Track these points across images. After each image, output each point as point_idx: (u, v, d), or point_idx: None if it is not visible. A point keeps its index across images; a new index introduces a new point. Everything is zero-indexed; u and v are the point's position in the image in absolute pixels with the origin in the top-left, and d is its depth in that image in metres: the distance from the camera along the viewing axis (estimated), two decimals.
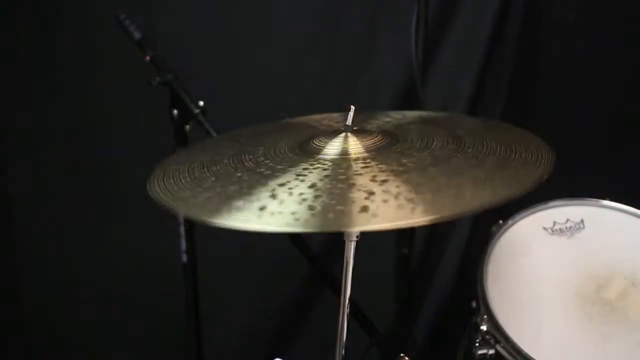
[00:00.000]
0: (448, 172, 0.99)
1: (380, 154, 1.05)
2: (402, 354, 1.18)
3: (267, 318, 2.10)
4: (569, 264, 1.41)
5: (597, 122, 1.91)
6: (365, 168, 1.00)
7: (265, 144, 1.14)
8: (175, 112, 1.49)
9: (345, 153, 1.06)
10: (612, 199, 1.51)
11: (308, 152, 1.08)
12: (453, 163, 1.02)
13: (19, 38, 1.75)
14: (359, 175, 0.98)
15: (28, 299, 1.94)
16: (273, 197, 0.95)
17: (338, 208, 0.91)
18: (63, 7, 1.76)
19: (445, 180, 0.96)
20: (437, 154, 1.04)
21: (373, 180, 0.95)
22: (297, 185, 0.97)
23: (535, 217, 1.48)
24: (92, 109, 1.85)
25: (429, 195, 0.92)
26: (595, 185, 1.55)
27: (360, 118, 1.15)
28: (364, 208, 0.89)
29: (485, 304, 1.31)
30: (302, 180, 0.98)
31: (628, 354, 1.27)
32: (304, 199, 0.93)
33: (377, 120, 1.23)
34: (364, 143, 1.07)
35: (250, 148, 1.13)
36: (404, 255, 1.95)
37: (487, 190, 0.94)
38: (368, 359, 1.29)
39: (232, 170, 1.06)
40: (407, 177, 0.96)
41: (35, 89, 1.81)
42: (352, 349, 1.12)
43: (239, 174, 1.04)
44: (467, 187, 0.95)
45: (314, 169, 1.01)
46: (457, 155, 1.04)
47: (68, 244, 1.93)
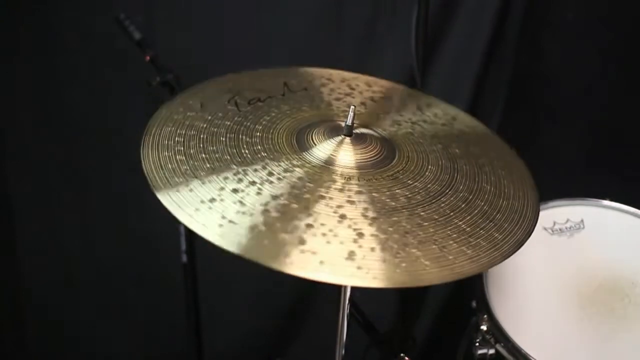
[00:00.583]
0: (437, 216, 0.96)
1: (369, 176, 1.00)
2: (402, 354, 1.18)
3: (267, 318, 2.10)
4: (569, 264, 1.41)
5: (597, 122, 1.91)
6: (345, 192, 0.96)
7: (272, 118, 1.10)
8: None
9: (331, 163, 1.02)
10: (612, 199, 1.51)
11: (301, 145, 1.05)
12: (443, 204, 0.99)
13: (19, 38, 1.75)
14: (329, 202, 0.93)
15: (28, 299, 1.94)
16: (234, 191, 0.93)
17: (281, 237, 0.87)
18: (63, 7, 1.75)
19: (432, 232, 0.93)
20: (429, 188, 1.02)
21: (337, 215, 0.91)
22: (258, 192, 0.93)
23: None
24: (92, 109, 1.85)
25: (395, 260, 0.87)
26: (595, 185, 1.55)
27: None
28: (302, 244, 0.85)
29: (485, 304, 1.31)
30: (270, 182, 0.95)
31: (628, 354, 1.27)
32: (251, 213, 0.89)
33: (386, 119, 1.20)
34: (357, 155, 1.03)
35: (253, 118, 1.10)
36: None
37: (469, 251, 0.91)
38: (368, 359, 1.29)
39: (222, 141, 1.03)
40: (390, 219, 0.92)
41: (35, 89, 1.81)
42: (352, 349, 1.12)
43: (213, 148, 1.01)
44: (451, 246, 0.91)
45: (288, 173, 0.98)
46: (448, 193, 1.02)
47: (68, 244, 1.93)
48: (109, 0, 1.69)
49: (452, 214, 0.97)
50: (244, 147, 1.03)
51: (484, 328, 1.29)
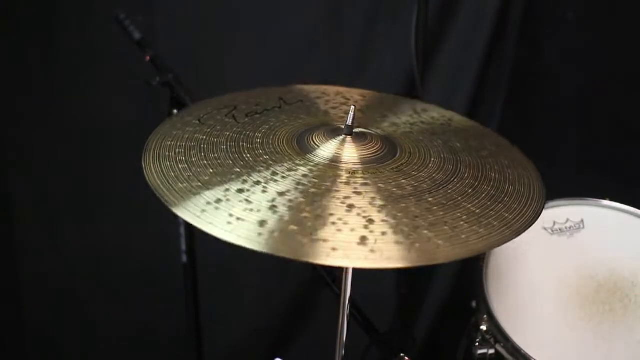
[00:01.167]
0: (445, 201, 0.96)
1: (374, 170, 1.01)
2: (402, 354, 1.18)
3: (267, 318, 2.10)
4: (569, 264, 1.41)
5: (597, 121, 1.91)
6: (355, 185, 0.96)
7: (270, 123, 1.11)
8: (175, 112, 1.49)
9: (335, 160, 1.02)
10: (612, 199, 1.51)
11: (302, 147, 1.05)
12: (450, 190, 0.99)
13: (19, 38, 1.75)
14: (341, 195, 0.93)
15: (28, 299, 1.94)
16: (240, 191, 0.93)
17: (291, 228, 0.88)
18: (63, 7, 1.76)
19: (442, 215, 0.94)
20: (434, 177, 1.02)
21: (345, 205, 0.92)
22: (264, 190, 0.94)
23: None
24: (92, 109, 1.85)
25: (416, 238, 0.87)
26: (595, 185, 1.55)
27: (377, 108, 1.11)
28: (323, 238, 0.85)
29: (485, 304, 1.31)
30: (275, 181, 0.96)
31: (628, 354, 1.27)
32: (258, 209, 0.90)
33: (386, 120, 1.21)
34: (360, 152, 1.04)
35: (252, 128, 1.11)
36: None
37: (481, 230, 0.92)
38: (368, 359, 1.29)
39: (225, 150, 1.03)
40: (398, 206, 0.93)
41: (35, 89, 1.81)
42: (352, 349, 1.12)
43: (215, 155, 1.01)
44: (462, 227, 0.92)
45: (292, 172, 0.98)
46: (453, 180, 1.02)
47: (68, 244, 1.93)
48: (109, 0, 1.69)
49: (460, 199, 0.98)
50: (246, 152, 1.04)
51: (484, 328, 1.29)
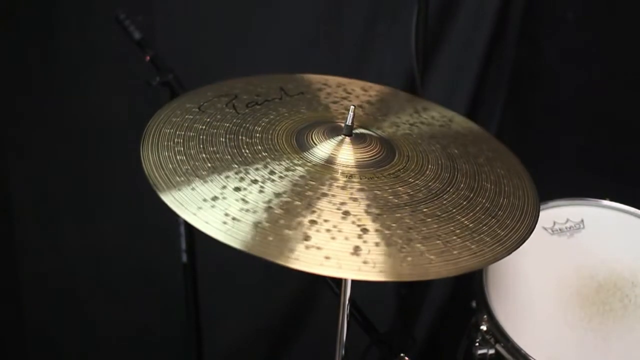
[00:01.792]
0: (439, 212, 0.97)
1: (371, 174, 1.01)
2: (402, 354, 1.18)
3: (267, 318, 2.10)
4: (569, 264, 1.41)
5: (597, 121, 1.91)
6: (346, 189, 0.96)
7: (271, 117, 1.11)
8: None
9: (332, 162, 1.02)
10: (612, 199, 1.51)
11: (301, 145, 1.05)
12: (445, 202, 0.99)
13: (19, 38, 1.75)
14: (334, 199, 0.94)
15: (28, 299, 1.94)
16: (237, 189, 0.93)
17: (285, 232, 0.87)
18: (63, 7, 1.75)
19: (436, 228, 0.93)
20: (431, 186, 1.02)
21: (341, 212, 0.92)
22: (260, 190, 0.94)
23: None
24: (92, 109, 1.85)
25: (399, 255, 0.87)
26: (595, 185, 1.55)
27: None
28: (307, 239, 0.86)
29: (485, 304, 1.31)
30: (272, 181, 0.96)
31: (628, 354, 1.27)
32: (254, 210, 0.90)
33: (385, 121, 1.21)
34: (358, 154, 1.03)
35: (252, 120, 1.10)
36: None
37: (473, 246, 0.92)
38: (368, 359, 1.29)
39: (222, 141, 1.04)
40: (393, 216, 0.93)
41: (35, 89, 1.81)
42: (352, 349, 1.12)
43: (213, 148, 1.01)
44: (455, 241, 0.92)
45: (290, 172, 0.98)
46: (449, 190, 1.02)
47: (68, 244, 1.93)
48: (109, 0, 1.69)
49: (454, 211, 0.98)
50: (245, 147, 1.03)
51: (484, 328, 1.29)
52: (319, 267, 0.85)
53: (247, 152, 1.02)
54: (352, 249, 0.87)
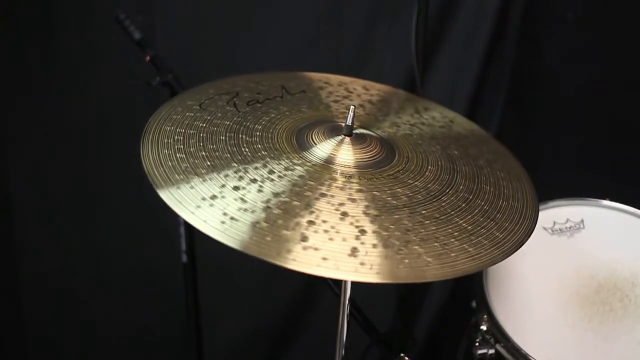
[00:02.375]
0: (438, 214, 0.96)
1: (370, 175, 1.00)
2: (402, 354, 1.18)
3: (267, 318, 2.10)
4: (569, 264, 1.41)
5: (597, 121, 1.91)
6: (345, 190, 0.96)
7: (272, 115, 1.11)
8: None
9: (332, 162, 1.02)
10: (612, 199, 1.51)
11: (301, 144, 1.05)
12: (444, 203, 0.99)
13: (19, 38, 1.75)
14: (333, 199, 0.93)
15: (28, 299, 1.94)
16: (235, 188, 0.93)
17: (283, 233, 0.87)
18: (63, 7, 1.75)
19: (434, 230, 0.93)
20: (430, 187, 1.02)
21: (339, 212, 0.92)
22: (259, 189, 0.93)
23: None
24: (92, 109, 1.85)
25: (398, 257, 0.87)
26: (595, 185, 1.55)
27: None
28: (304, 241, 0.86)
29: (485, 304, 1.31)
30: (271, 180, 0.95)
31: (628, 354, 1.27)
32: (252, 210, 0.90)
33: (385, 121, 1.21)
34: (358, 155, 1.03)
35: (252, 119, 1.10)
36: None
37: (471, 249, 0.92)
38: (368, 359, 1.29)
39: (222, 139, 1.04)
40: (391, 217, 0.93)
41: (35, 89, 1.81)
42: (352, 349, 1.12)
43: (213, 146, 1.02)
44: (453, 244, 0.92)
45: (289, 171, 0.98)
46: (448, 192, 1.02)
47: (68, 244, 1.93)
48: (109, 0, 1.69)
49: (453, 213, 0.98)
50: (244, 146, 1.03)
51: (484, 328, 1.29)
52: (316, 268, 0.85)
53: (246, 150, 1.02)
54: (349, 250, 0.87)
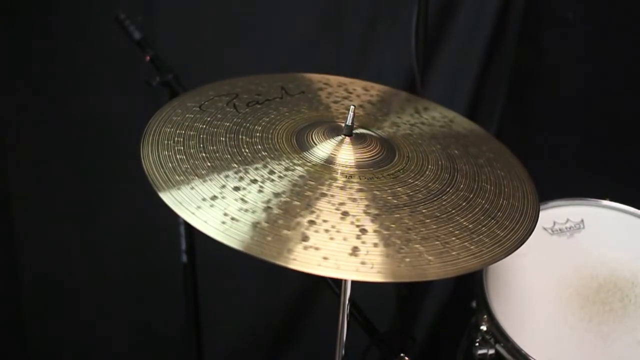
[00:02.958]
0: (438, 213, 0.97)
1: (370, 174, 1.01)
2: (402, 354, 1.18)
3: (267, 318, 2.10)
4: (569, 264, 1.41)
5: (597, 122, 1.91)
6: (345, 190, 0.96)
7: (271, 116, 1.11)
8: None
9: (332, 162, 1.02)
10: (612, 199, 1.51)
11: (301, 144, 1.05)
12: (444, 202, 0.99)
13: (19, 38, 1.75)
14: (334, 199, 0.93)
15: (28, 299, 1.94)
16: (235, 189, 0.92)
17: (284, 233, 0.87)
18: (63, 7, 1.75)
19: (435, 229, 0.93)
20: (430, 186, 1.02)
21: (340, 212, 0.91)
22: (260, 190, 0.94)
23: None
24: (92, 109, 1.85)
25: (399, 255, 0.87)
26: (595, 185, 1.55)
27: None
28: (305, 240, 0.86)
29: (485, 304, 1.31)
30: (271, 180, 0.95)
31: (628, 354, 1.27)
32: (253, 210, 0.89)
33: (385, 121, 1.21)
34: (358, 154, 1.03)
35: (252, 120, 1.10)
36: None
37: (472, 247, 0.92)
38: (368, 359, 1.29)
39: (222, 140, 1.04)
40: (392, 217, 0.93)
41: (35, 89, 1.81)
42: (352, 349, 1.12)
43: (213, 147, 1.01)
44: (454, 242, 0.92)
45: (289, 172, 0.98)
46: (449, 191, 1.02)
47: (68, 244, 1.93)
48: (109, 0, 1.69)
49: (453, 212, 0.98)
50: (244, 147, 1.03)
51: (484, 328, 1.29)
52: (317, 267, 0.85)
53: (247, 151, 1.02)
54: (350, 250, 0.87)
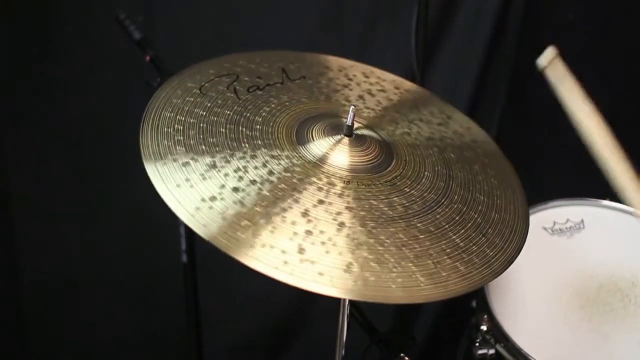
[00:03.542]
0: (432, 228, 0.97)
1: (368, 181, 1.00)
2: (402, 354, 1.18)
3: (267, 318, 2.10)
4: (569, 264, 1.41)
5: None
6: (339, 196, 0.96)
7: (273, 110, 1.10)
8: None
9: (323, 161, 1.01)
10: (612, 199, 1.51)
11: (302, 143, 1.04)
12: (439, 215, 0.99)
13: (19, 38, 1.75)
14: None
15: (28, 299, 1.94)
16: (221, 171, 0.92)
17: (243, 224, 0.88)
18: (63, 6, 1.75)
19: (428, 245, 0.93)
20: (426, 197, 1.02)
21: (337, 223, 0.91)
22: (259, 191, 0.93)
23: (535, 217, 1.48)
24: (92, 109, 1.85)
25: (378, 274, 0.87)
26: (595, 185, 1.55)
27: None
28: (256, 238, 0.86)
29: (485, 304, 1.31)
30: (271, 182, 0.94)
31: (628, 354, 1.27)
32: (220, 196, 0.89)
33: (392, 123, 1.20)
34: (357, 158, 1.03)
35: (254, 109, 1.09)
36: None
37: (462, 268, 0.92)
38: (368, 359, 1.29)
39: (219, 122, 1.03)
40: (387, 230, 0.93)
41: (35, 89, 1.81)
42: (352, 349, 1.12)
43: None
44: (445, 262, 0.92)
45: (289, 174, 0.97)
46: (443, 203, 1.02)
47: (68, 244, 1.93)
48: (109, 0, 1.69)
49: (447, 227, 0.98)
50: (244, 141, 1.02)
51: (484, 328, 1.29)
52: (312, 283, 0.86)
53: (246, 146, 1.01)
54: (345, 266, 0.87)
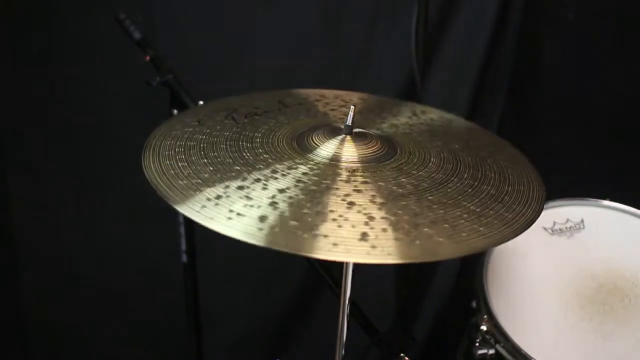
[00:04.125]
0: (445, 200, 0.97)
1: (374, 169, 1.01)
2: (402, 354, 1.18)
3: (267, 318, 2.10)
4: (569, 264, 1.41)
5: (597, 122, 1.91)
6: (355, 184, 0.96)
7: (270, 124, 1.12)
8: (175, 112, 1.49)
9: (336, 159, 1.02)
10: (612, 199, 1.51)
11: (302, 146, 1.05)
12: (450, 189, 0.99)
13: (19, 37, 1.75)
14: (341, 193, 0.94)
15: (28, 299, 1.94)
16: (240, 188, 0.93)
17: (291, 223, 0.88)
18: (63, 6, 1.75)
19: (442, 213, 0.93)
20: (434, 176, 1.02)
21: (345, 202, 0.92)
22: (264, 187, 0.94)
23: None
24: (91, 109, 1.85)
25: (417, 233, 0.88)
26: (595, 186, 1.56)
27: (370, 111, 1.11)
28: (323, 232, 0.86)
29: (485, 304, 1.31)
30: (275, 179, 0.96)
31: (628, 354, 1.27)
32: (258, 205, 0.90)
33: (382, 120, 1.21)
34: (360, 151, 1.04)
35: (251, 128, 1.11)
36: None
37: (482, 228, 0.92)
38: (368, 359, 1.29)
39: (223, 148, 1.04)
40: (398, 204, 0.93)
41: (35, 89, 1.81)
42: (352, 349, 1.12)
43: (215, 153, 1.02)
44: (463, 225, 0.92)
45: (294, 170, 0.98)
46: (453, 180, 1.02)
47: (68, 244, 1.94)
48: (109, 0, 1.69)
49: (460, 198, 0.98)
50: (245, 151, 1.04)
51: (484, 328, 1.29)
52: (328, 253, 0.85)
53: (248, 155, 1.03)
54: (359, 236, 0.87)
